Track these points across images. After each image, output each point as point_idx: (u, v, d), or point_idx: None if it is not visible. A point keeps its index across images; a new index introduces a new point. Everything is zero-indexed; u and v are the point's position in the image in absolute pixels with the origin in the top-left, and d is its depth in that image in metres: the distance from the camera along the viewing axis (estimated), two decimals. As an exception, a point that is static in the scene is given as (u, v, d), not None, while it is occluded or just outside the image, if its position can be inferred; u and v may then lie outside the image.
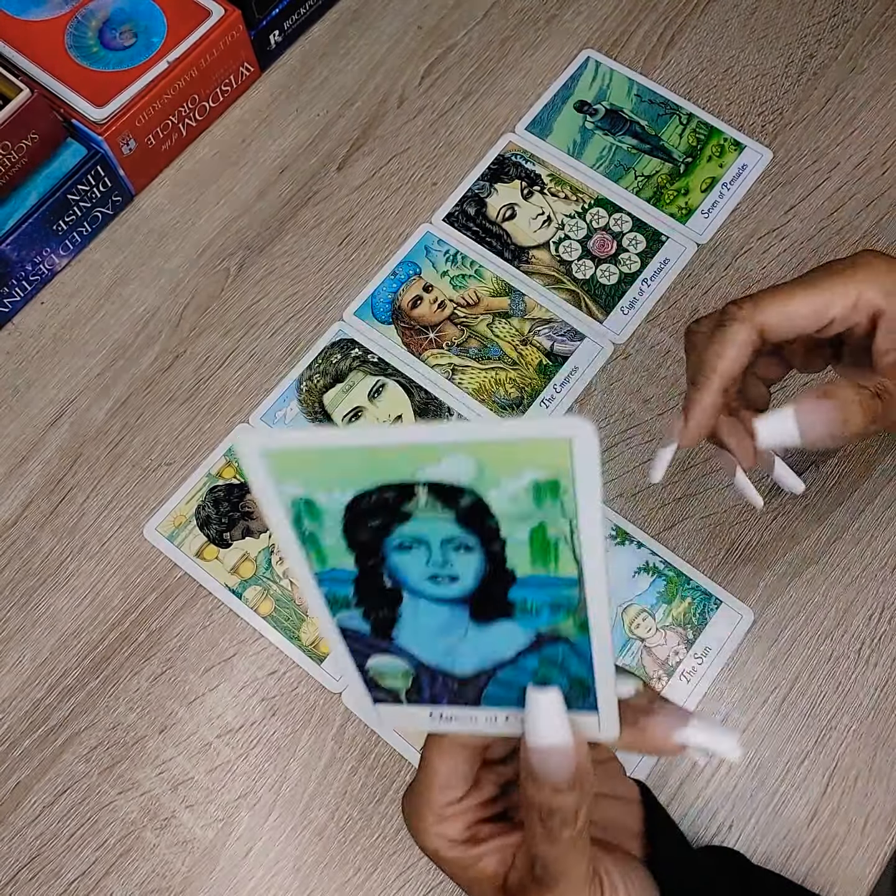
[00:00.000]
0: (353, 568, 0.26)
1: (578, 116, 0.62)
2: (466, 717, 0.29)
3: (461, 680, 0.28)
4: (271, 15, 0.62)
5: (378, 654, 0.28)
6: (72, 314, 0.58)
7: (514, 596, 0.26)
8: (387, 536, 0.25)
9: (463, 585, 0.26)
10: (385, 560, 0.26)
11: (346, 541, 0.25)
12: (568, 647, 0.27)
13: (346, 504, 0.24)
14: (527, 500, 0.24)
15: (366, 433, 0.23)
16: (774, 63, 0.63)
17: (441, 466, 0.23)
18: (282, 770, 0.48)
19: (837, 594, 0.50)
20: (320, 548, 0.25)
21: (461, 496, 0.24)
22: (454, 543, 0.25)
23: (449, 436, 0.23)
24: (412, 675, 0.28)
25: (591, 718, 0.28)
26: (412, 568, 0.26)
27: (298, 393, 0.55)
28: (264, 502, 0.25)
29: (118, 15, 0.59)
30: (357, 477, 0.24)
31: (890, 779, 0.46)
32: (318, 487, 0.24)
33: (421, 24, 0.65)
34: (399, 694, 0.29)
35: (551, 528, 0.24)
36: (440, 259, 0.58)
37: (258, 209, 0.61)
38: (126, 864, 0.47)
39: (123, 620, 0.51)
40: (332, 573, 0.26)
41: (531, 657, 0.27)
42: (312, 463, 0.24)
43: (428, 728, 0.30)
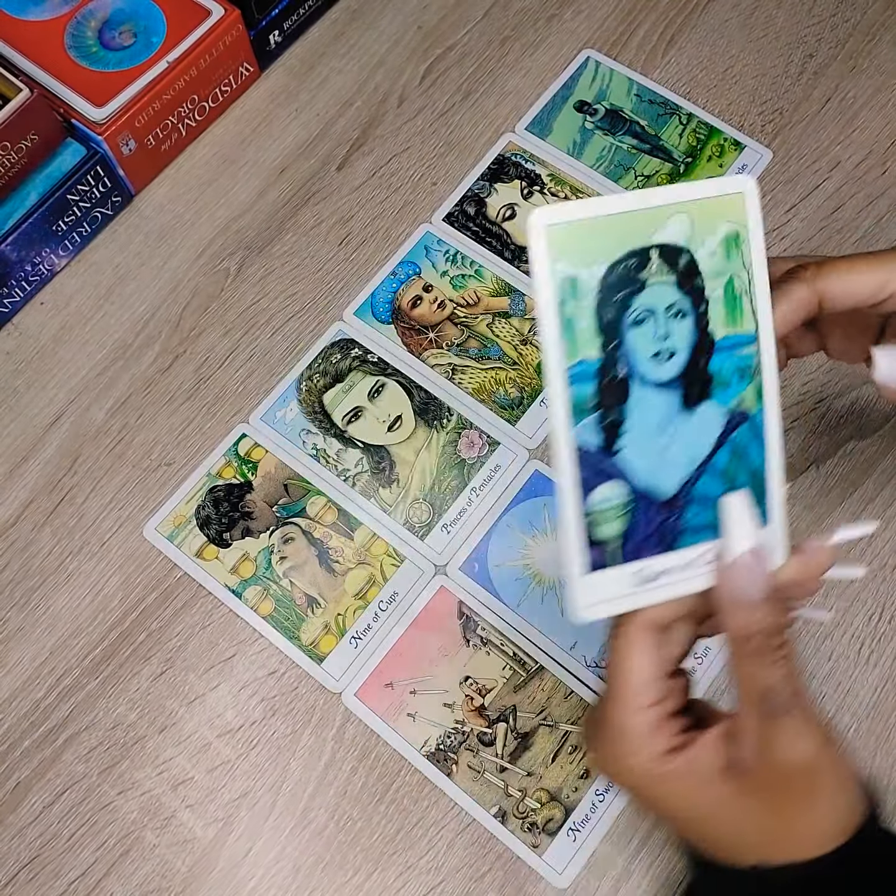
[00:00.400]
0: (596, 356, 0.31)
1: (578, 116, 0.62)
2: (665, 574, 0.33)
3: (663, 502, 0.32)
4: (271, 15, 0.62)
5: (600, 484, 0.32)
6: (72, 314, 0.58)
7: (712, 367, 0.32)
8: (625, 311, 0.31)
9: (677, 362, 0.32)
10: (622, 343, 0.31)
11: (596, 320, 0.31)
12: (748, 429, 0.33)
13: (600, 277, 0.30)
14: (721, 255, 0.31)
15: (622, 198, 0.30)
16: (774, 63, 0.62)
17: (668, 229, 0.31)
18: (282, 770, 0.48)
19: (837, 594, 0.50)
20: (574, 334, 0.30)
21: (680, 256, 0.31)
22: (673, 310, 0.31)
23: (674, 195, 0.31)
24: (626, 512, 0.32)
25: (763, 533, 0.33)
26: (641, 345, 0.31)
27: (298, 393, 0.55)
28: (541, 281, 0.30)
29: (118, 15, 0.59)
30: (611, 245, 0.31)
31: (890, 779, 0.46)
32: (582, 263, 0.30)
33: (421, 24, 0.65)
34: (609, 546, 0.32)
35: (737, 282, 0.31)
36: (440, 259, 0.58)
37: (258, 209, 0.61)
38: (126, 865, 0.47)
39: (123, 620, 0.51)
40: (579, 366, 0.31)
41: (722, 452, 0.33)
42: (580, 237, 0.30)
43: (627, 600, 0.32)
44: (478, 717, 0.48)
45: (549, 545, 0.51)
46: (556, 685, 0.48)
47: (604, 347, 0.31)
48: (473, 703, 0.48)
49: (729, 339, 0.32)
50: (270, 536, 0.52)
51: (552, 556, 0.50)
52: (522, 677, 0.49)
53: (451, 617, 0.50)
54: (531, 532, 0.51)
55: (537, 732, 0.48)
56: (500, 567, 0.51)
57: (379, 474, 0.53)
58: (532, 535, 0.51)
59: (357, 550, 0.52)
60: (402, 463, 0.53)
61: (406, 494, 0.53)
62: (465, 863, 0.46)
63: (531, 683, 0.49)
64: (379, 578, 0.51)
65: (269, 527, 0.52)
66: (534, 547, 0.51)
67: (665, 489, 0.32)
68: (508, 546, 0.51)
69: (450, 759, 0.47)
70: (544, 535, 0.51)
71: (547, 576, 0.51)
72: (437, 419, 0.54)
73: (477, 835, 0.46)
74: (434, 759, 0.47)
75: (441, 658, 0.49)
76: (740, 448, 0.33)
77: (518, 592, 0.50)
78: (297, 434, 0.54)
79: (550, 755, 0.47)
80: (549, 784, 0.47)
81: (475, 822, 0.46)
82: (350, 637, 0.50)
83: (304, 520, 0.52)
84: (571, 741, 0.47)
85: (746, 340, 0.32)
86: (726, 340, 0.32)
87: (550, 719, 0.48)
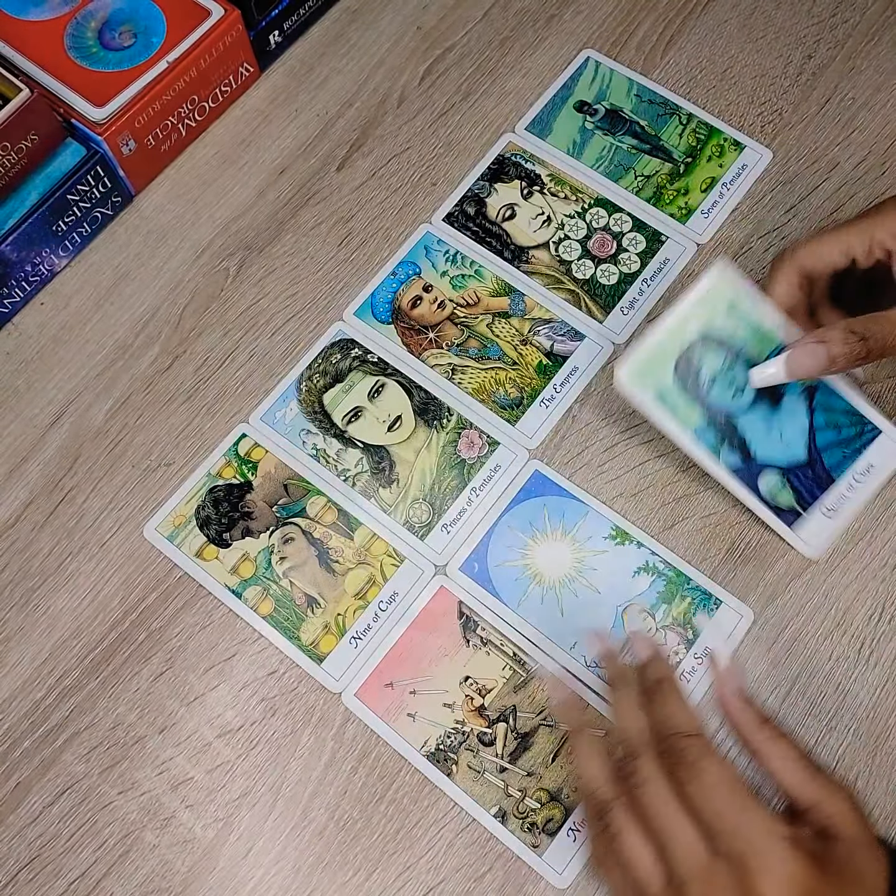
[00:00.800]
0: (700, 419, 0.48)
1: (578, 116, 0.62)
2: (842, 497, 0.50)
3: (805, 464, 0.49)
4: (271, 15, 0.62)
5: (758, 478, 0.48)
6: (72, 314, 0.58)
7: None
8: (700, 385, 0.48)
9: (749, 390, 0.48)
10: (712, 403, 0.48)
11: (686, 399, 0.48)
12: (821, 392, 0.50)
13: (673, 379, 0.47)
14: (731, 317, 0.48)
15: (654, 332, 0.47)
16: (774, 63, 0.63)
17: (691, 327, 0.48)
18: (282, 770, 0.48)
19: (837, 594, 0.50)
20: (681, 417, 0.48)
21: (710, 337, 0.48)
22: (727, 364, 0.48)
23: (687, 306, 0.48)
24: (786, 482, 0.49)
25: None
26: (722, 396, 0.48)
27: (298, 393, 0.55)
28: (649, 409, 0.47)
29: (117, 15, 0.59)
30: (668, 357, 0.47)
31: (890, 779, 0.46)
32: (659, 381, 0.47)
33: (421, 24, 0.65)
34: (795, 507, 0.49)
35: (750, 321, 0.49)
36: (440, 259, 0.58)
37: (258, 209, 0.61)
38: (126, 865, 0.47)
39: (123, 620, 0.51)
40: (697, 431, 0.48)
41: (817, 414, 0.50)
42: (648, 367, 0.47)
43: (830, 521, 0.50)
44: (478, 717, 0.48)
45: (549, 544, 0.51)
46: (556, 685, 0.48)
47: (701, 411, 0.48)
48: (473, 703, 0.48)
49: (770, 355, 0.48)
50: (270, 536, 0.52)
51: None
52: (522, 677, 0.49)
53: (451, 617, 0.50)
54: (531, 532, 0.51)
55: (537, 732, 0.48)
56: (499, 567, 0.51)
57: (379, 474, 0.53)
58: (532, 535, 0.51)
59: (357, 550, 0.52)
60: (402, 463, 0.53)
61: (406, 494, 0.53)
62: (464, 863, 0.46)
63: (531, 683, 0.49)
64: (379, 578, 0.51)
65: (269, 527, 0.52)
66: (534, 547, 0.51)
67: (800, 457, 0.49)
68: (508, 546, 0.51)
69: (450, 759, 0.47)
70: (544, 535, 0.51)
71: (546, 577, 0.51)
72: (437, 419, 0.54)
73: (477, 835, 0.46)
74: (434, 759, 0.47)
75: (441, 658, 0.49)
76: (825, 404, 0.50)
77: (518, 592, 0.50)
78: (297, 434, 0.54)
79: (550, 755, 0.47)
80: (549, 784, 0.47)
81: (475, 822, 0.46)
82: (350, 637, 0.50)
83: (303, 520, 0.52)
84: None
85: (780, 346, 0.48)
86: (771, 355, 0.48)
87: (550, 719, 0.48)
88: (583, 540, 0.51)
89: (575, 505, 0.52)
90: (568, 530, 0.51)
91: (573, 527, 0.51)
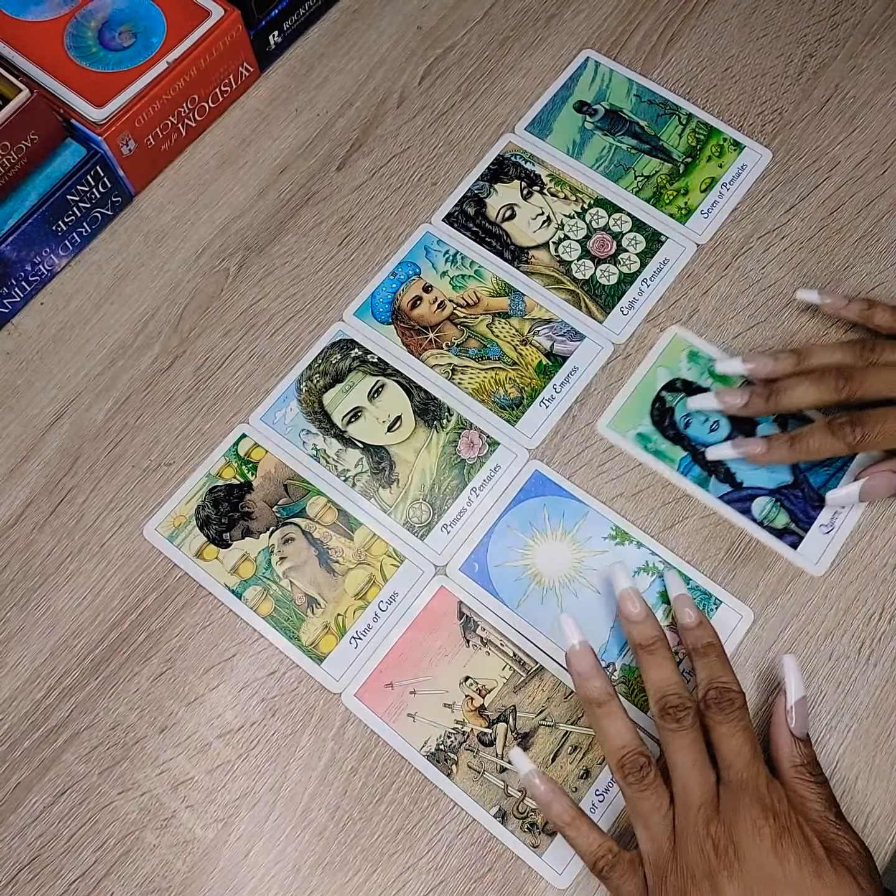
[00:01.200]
0: (683, 453, 0.52)
1: (578, 116, 0.62)
2: (836, 516, 0.51)
3: (791, 485, 0.51)
4: (271, 15, 0.62)
5: (751, 504, 0.51)
6: (72, 314, 0.58)
7: None
8: (677, 425, 0.52)
9: (724, 424, 0.53)
10: (691, 438, 0.52)
11: (665, 438, 0.52)
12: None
13: (651, 421, 0.53)
14: (692, 363, 0.55)
15: (629, 385, 0.54)
16: (774, 62, 0.62)
17: (661, 375, 0.54)
18: (282, 770, 0.48)
19: (837, 594, 0.50)
20: (667, 456, 0.52)
21: (677, 381, 0.54)
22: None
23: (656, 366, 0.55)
24: (777, 504, 0.51)
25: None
26: (699, 431, 0.52)
27: (298, 393, 0.55)
28: (634, 451, 0.52)
29: (117, 15, 0.59)
30: (644, 403, 0.53)
31: (890, 779, 0.46)
32: (634, 424, 0.53)
33: (421, 24, 0.65)
34: (793, 527, 0.51)
35: (709, 365, 0.55)
36: (440, 259, 0.58)
37: (258, 209, 0.61)
38: (126, 865, 0.47)
39: (123, 621, 0.51)
40: (683, 463, 0.52)
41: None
42: (626, 416, 0.53)
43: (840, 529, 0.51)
44: (478, 717, 0.48)
45: (549, 544, 0.51)
46: (556, 685, 0.48)
47: (684, 448, 0.52)
48: (473, 704, 0.48)
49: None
50: (270, 537, 0.52)
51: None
52: (522, 677, 0.49)
53: (451, 617, 0.50)
54: (531, 532, 0.51)
55: (537, 732, 0.48)
56: (499, 567, 0.51)
57: (379, 474, 0.53)
58: (532, 536, 0.51)
59: (357, 551, 0.52)
60: (401, 463, 0.53)
61: (406, 495, 0.53)
62: (464, 863, 0.46)
63: (531, 683, 0.49)
64: (379, 579, 0.51)
65: (269, 527, 0.52)
66: (534, 547, 0.51)
67: (785, 478, 0.51)
68: (508, 546, 0.51)
69: (450, 759, 0.47)
70: (544, 535, 0.51)
71: (546, 577, 0.51)
72: (437, 419, 0.54)
73: (477, 835, 0.46)
74: (434, 759, 0.47)
75: (441, 658, 0.49)
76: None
77: (518, 592, 0.50)
78: (296, 434, 0.54)
79: (550, 755, 0.47)
80: (549, 784, 0.47)
81: (475, 823, 0.46)
82: (350, 637, 0.50)
83: (303, 520, 0.52)
84: (571, 741, 0.47)
85: (743, 381, 0.53)
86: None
87: (550, 719, 0.48)
88: (583, 540, 0.51)
89: (575, 505, 0.52)
90: (568, 530, 0.51)
91: (573, 527, 0.51)
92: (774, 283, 0.57)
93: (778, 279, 0.57)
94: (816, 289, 0.54)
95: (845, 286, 0.56)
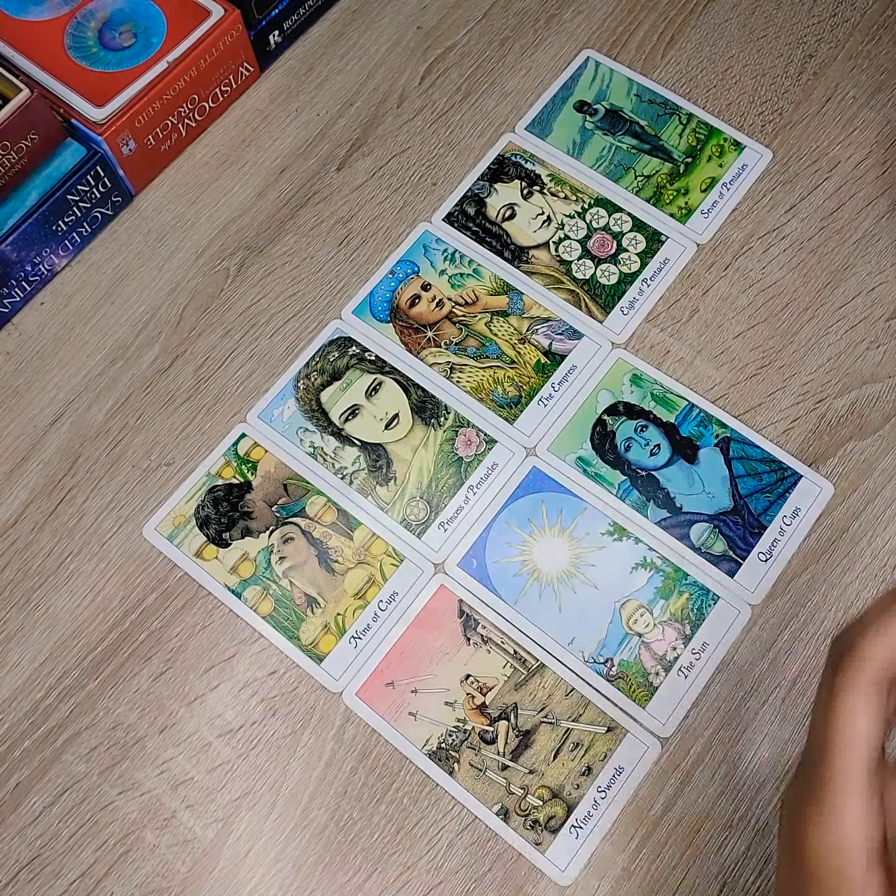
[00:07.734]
0: (622, 478, 0.52)
1: (578, 116, 0.62)
2: (776, 542, 0.50)
3: (730, 511, 0.50)
4: (271, 15, 0.62)
5: (689, 528, 0.50)
6: (72, 314, 0.58)
7: (684, 433, 0.53)
8: (617, 449, 0.52)
9: (665, 447, 0.52)
10: (630, 462, 0.52)
11: (606, 463, 0.52)
12: (736, 442, 0.53)
13: (588, 441, 0.53)
14: (633, 387, 0.54)
15: (572, 406, 0.54)
16: (774, 63, 0.63)
17: (602, 399, 0.54)
18: (282, 770, 0.48)
19: (837, 594, 0.50)
20: (605, 479, 0.52)
21: (619, 403, 0.54)
22: (639, 427, 0.52)
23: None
24: (716, 530, 0.50)
25: None
26: (639, 455, 0.52)
27: (295, 391, 0.55)
28: (574, 479, 0.52)
29: (118, 15, 0.59)
30: (583, 428, 0.53)
31: (891, 778, 0.46)
32: (573, 448, 0.53)
33: (421, 24, 0.66)
34: (730, 554, 0.50)
35: (654, 389, 0.54)
36: (438, 258, 0.58)
37: (258, 209, 0.61)
38: (126, 865, 0.47)
39: (123, 620, 0.51)
40: (621, 490, 0.51)
41: (735, 463, 0.52)
42: (566, 441, 0.53)
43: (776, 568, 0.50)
44: (479, 715, 0.48)
45: (547, 541, 0.51)
46: (557, 682, 0.48)
47: (623, 472, 0.52)
48: (474, 702, 0.48)
49: (679, 416, 0.53)
50: (270, 536, 0.52)
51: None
52: (523, 675, 0.49)
53: (451, 615, 0.50)
54: (529, 528, 0.51)
55: (539, 730, 0.48)
56: (498, 563, 0.51)
57: (376, 472, 0.53)
58: (530, 532, 0.51)
59: (356, 550, 0.52)
60: (399, 461, 0.53)
61: (403, 492, 0.53)
62: (465, 863, 0.46)
63: (532, 681, 0.49)
64: (378, 578, 0.51)
65: (269, 527, 0.52)
66: (532, 543, 0.51)
67: (725, 504, 0.51)
68: (506, 543, 0.51)
69: (451, 757, 0.47)
70: (542, 532, 0.51)
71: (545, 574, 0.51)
72: (435, 417, 0.54)
73: (477, 835, 0.46)
74: (436, 757, 0.47)
75: (442, 657, 0.49)
76: (741, 453, 0.52)
77: (516, 588, 0.50)
78: (294, 432, 0.54)
79: (552, 752, 0.47)
80: (551, 781, 0.47)
81: (475, 822, 0.46)
82: (350, 637, 0.50)
83: (303, 520, 0.52)
84: (573, 738, 0.47)
85: (688, 407, 0.53)
86: (678, 417, 0.53)
87: (552, 716, 0.48)
88: (581, 536, 0.51)
89: (573, 501, 0.52)
90: (566, 526, 0.51)
91: (571, 523, 0.51)
92: (774, 283, 0.57)
93: (778, 279, 0.57)
94: None
95: (845, 286, 0.56)
